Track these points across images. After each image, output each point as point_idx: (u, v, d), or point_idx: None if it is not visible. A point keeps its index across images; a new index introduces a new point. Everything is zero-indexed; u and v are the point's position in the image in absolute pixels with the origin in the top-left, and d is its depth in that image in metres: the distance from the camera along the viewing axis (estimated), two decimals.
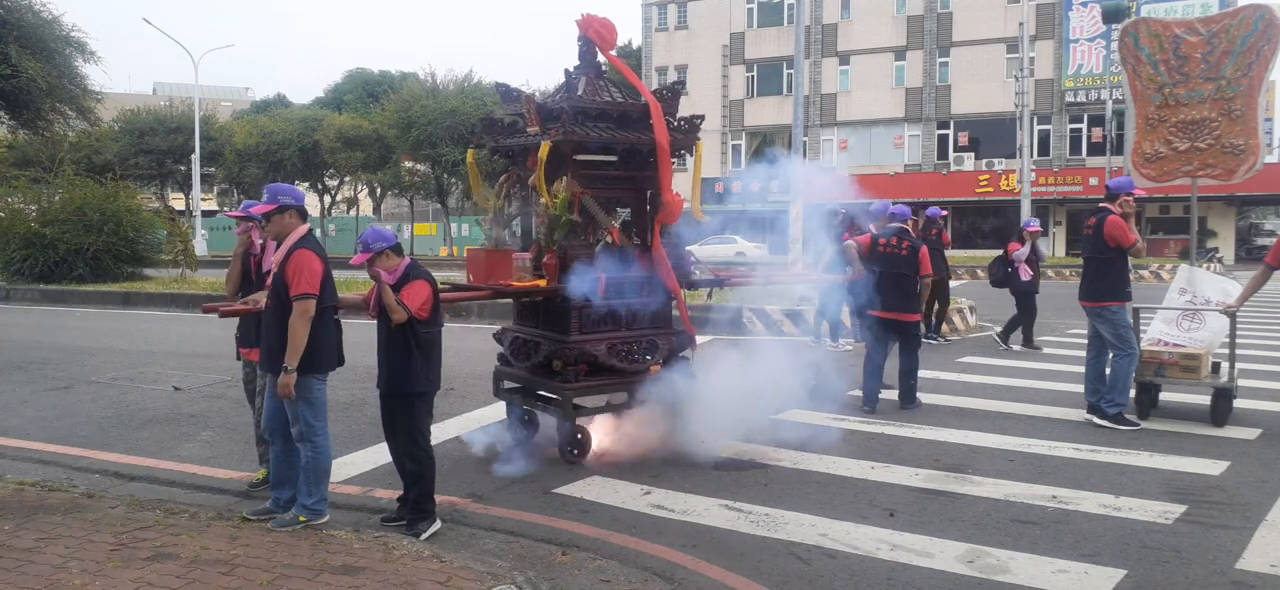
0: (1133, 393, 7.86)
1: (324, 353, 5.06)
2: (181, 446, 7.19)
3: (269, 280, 5.20)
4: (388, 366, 5.18)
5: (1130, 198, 7.82)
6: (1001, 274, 12.40)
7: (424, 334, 5.14)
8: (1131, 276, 8.06)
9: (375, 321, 5.27)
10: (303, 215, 5.19)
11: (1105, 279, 7.75)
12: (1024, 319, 12.11)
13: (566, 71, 6.86)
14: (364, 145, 42.70)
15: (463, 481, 6.13)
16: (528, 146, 6.64)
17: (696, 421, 6.63)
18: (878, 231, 9.19)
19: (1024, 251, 12.06)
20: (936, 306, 12.69)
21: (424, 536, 4.99)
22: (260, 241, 5.77)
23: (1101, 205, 7.90)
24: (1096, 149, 38.97)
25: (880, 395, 8.44)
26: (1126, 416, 7.60)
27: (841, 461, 6.60)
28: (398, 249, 5.22)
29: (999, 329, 12.51)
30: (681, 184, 6.86)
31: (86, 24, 67.82)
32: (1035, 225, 12.36)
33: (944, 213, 13.96)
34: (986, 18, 41.14)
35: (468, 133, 34.71)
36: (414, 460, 5.19)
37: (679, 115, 6.94)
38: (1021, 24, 30.97)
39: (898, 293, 8.42)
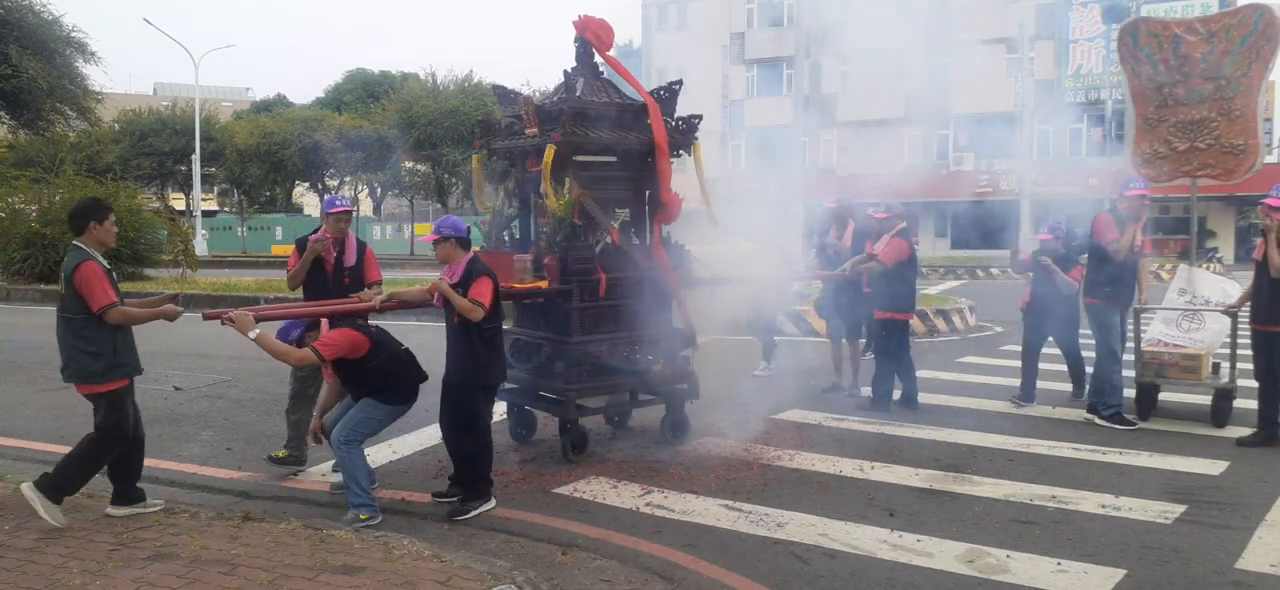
0: (1132, 393, 7.86)
1: (390, 386, 5.39)
2: (181, 446, 7.19)
3: (347, 278, 5.95)
4: (455, 359, 5.44)
5: (1127, 199, 7.76)
6: None
7: (487, 329, 5.39)
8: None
9: (442, 317, 5.57)
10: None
11: (1095, 275, 7.76)
12: None
13: (565, 72, 6.87)
14: (364, 145, 42.68)
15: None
16: (527, 148, 6.64)
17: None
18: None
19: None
20: None
21: (474, 514, 5.35)
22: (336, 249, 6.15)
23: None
24: (1097, 149, 38.92)
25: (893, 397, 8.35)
26: (1125, 415, 7.59)
27: (841, 461, 6.60)
28: (464, 243, 5.44)
29: None
30: (689, 184, 6.86)
31: (86, 24, 67.71)
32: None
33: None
34: (986, 18, 41.04)
35: (468, 133, 34.75)
36: (474, 444, 5.47)
37: (677, 114, 6.94)
38: (1021, 24, 30.95)
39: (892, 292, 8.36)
